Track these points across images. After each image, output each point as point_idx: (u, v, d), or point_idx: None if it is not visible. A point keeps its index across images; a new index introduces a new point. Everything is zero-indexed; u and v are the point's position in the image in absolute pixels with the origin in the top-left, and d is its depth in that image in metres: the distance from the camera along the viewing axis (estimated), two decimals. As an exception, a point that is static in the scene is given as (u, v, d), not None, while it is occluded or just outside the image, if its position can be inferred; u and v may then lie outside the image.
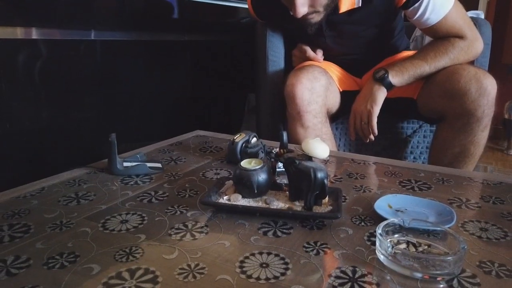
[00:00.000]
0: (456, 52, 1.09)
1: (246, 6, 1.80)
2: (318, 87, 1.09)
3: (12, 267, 0.48)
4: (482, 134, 1.07)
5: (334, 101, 1.21)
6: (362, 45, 1.25)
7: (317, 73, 1.11)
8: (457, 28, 1.09)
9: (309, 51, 1.25)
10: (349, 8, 1.11)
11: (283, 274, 0.48)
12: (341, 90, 1.24)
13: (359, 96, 1.16)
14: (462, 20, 1.10)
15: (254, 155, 0.84)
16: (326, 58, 1.29)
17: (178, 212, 0.64)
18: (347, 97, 1.22)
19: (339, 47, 1.26)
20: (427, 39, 1.49)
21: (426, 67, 1.10)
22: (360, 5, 1.10)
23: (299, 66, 1.20)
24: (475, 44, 1.11)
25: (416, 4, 1.05)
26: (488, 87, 1.01)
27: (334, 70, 1.27)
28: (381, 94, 1.10)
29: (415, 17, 1.08)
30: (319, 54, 1.26)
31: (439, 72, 1.11)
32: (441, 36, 1.12)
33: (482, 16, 1.42)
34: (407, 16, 1.14)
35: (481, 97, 1.01)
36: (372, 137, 1.14)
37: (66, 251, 0.52)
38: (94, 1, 1.10)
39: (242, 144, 0.88)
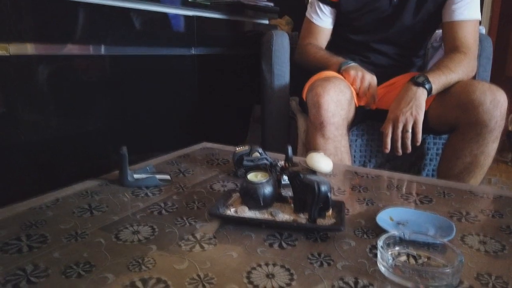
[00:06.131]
0: (466, 63, 1.16)
1: (252, 20, 1.85)
2: (343, 100, 1.11)
3: (32, 275, 0.51)
4: (493, 146, 1.09)
5: (352, 115, 1.21)
6: (408, 36, 1.30)
7: (343, 86, 1.13)
8: (470, 39, 1.17)
9: (366, 82, 1.19)
10: None
11: (288, 284, 0.50)
12: (357, 105, 1.25)
13: (397, 103, 1.11)
14: (476, 37, 1.18)
15: (256, 168, 0.86)
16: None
17: (187, 224, 0.67)
18: (358, 111, 1.25)
19: (390, 29, 1.30)
20: (432, 57, 1.52)
21: (453, 75, 1.13)
22: None
23: (322, 76, 1.19)
24: (476, 62, 1.20)
25: None
26: (501, 99, 1.05)
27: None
28: (425, 99, 1.08)
29: (454, 4, 1.17)
30: (374, 97, 1.21)
31: (454, 85, 1.14)
32: (454, 39, 1.19)
33: (484, 31, 1.45)
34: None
35: (495, 108, 1.04)
36: (410, 148, 1.09)
37: (82, 261, 0.55)
38: (104, 17, 1.14)
39: (242, 156, 0.90)
